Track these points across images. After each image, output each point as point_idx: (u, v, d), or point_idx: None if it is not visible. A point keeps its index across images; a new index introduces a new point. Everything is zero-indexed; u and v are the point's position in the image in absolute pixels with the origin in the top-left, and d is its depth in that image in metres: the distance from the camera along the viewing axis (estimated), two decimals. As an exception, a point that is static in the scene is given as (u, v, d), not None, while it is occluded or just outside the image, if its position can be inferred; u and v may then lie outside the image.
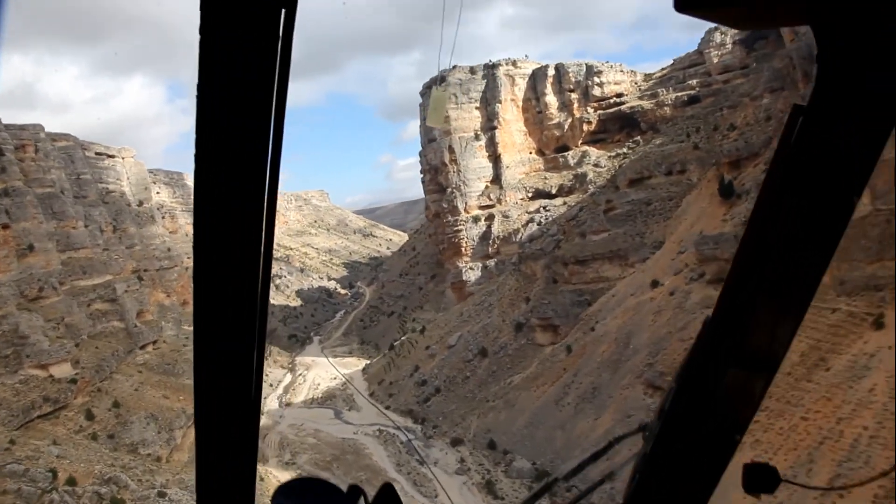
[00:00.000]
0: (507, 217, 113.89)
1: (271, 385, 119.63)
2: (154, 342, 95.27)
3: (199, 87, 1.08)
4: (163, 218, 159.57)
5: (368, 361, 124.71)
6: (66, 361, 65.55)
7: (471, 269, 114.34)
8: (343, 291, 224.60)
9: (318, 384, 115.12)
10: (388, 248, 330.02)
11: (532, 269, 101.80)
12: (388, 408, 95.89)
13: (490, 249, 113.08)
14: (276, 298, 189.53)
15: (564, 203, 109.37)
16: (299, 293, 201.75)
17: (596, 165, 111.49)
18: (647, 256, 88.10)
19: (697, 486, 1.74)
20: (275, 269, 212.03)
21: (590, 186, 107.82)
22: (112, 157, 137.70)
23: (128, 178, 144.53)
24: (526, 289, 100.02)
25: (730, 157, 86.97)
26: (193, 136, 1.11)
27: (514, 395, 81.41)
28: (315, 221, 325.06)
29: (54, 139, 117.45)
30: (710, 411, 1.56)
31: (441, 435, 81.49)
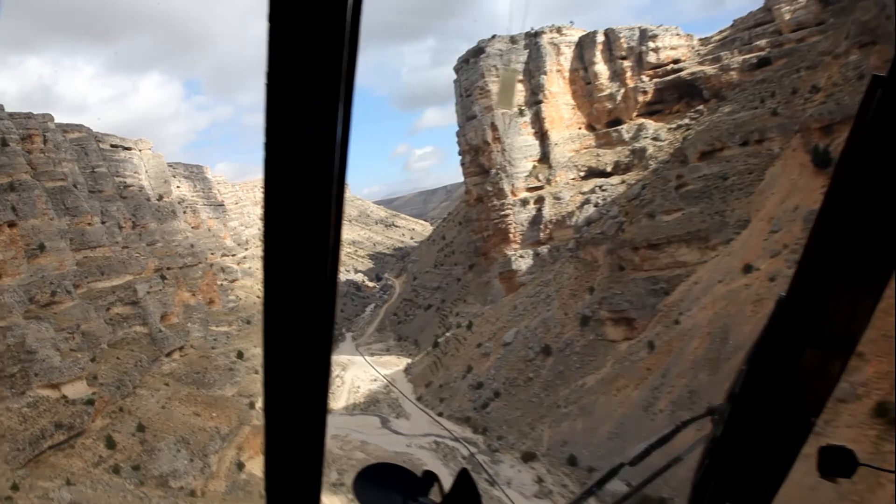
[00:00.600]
0: (558, 199, 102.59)
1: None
2: (181, 348, 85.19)
3: (268, 75, 1.06)
4: (184, 213, 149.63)
5: (410, 360, 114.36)
6: (80, 379, 55.28)
7: (521, 257, 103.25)
8: (371, 284, 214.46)
9: (358, 387, 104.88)
10: (411, 238, 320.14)
11: (593, 256, 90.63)
12: (440, 415, 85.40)
13: (542, 235, 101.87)
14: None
15: (622, 181, 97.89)
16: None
17: (655, 139, 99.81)
18: (731, 237, 76.56)
19: (770, 471, 1.68)
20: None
21: (650, 162, 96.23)
22: (129, 149, 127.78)
23: (146, 172, 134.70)
24: (587, 277, 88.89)
25: (820, 121, 74.96)
26: (264, 132, 1.14)
27: (590, 399, 70.53)
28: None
29: (66, 130, 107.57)
30: (784, 393, 1.51)
31: (508, 448, 70.79)
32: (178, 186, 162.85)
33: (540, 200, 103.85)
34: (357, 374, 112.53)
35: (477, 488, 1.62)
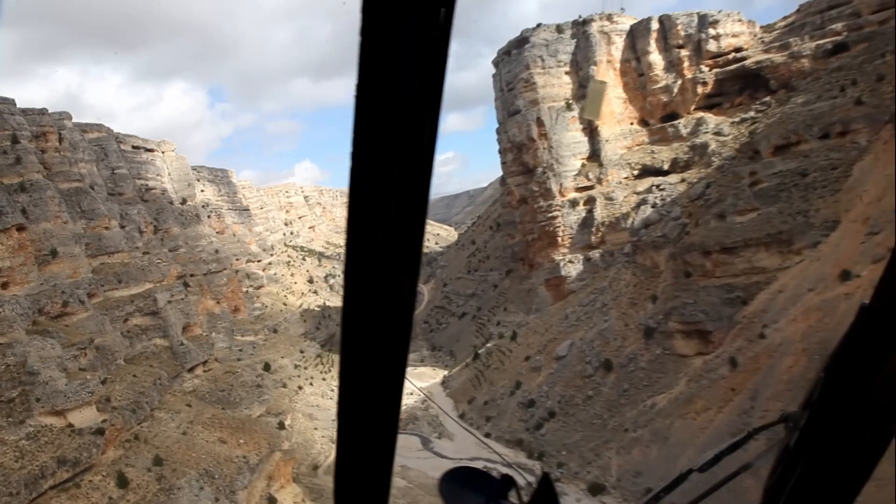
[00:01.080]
0: (610, 199, 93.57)
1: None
2: (204, 362, 77.37)
3: (358, 87, 1.07)
4: (208, 217, 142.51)
5: (446, 372, 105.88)
6: (89, 404, 47.24)
7: (570, 262, 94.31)
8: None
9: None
10: (436, 244, 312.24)
11: (653, 261, 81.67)
12: (487, 435, 76.78)
13: (593, 238, 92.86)
14: (331, 300, 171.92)
15: (682, 180, 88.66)
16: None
17: (717, 134, 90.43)
18: (819, 240, 67.22)
19: (847, 481, 1.59)
20: (328, 267, 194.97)
21: (714, 159, 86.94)
22: (151, 150, 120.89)
23: (169, 174, 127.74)
24: (648, 285, 79.90)
25: (917, 109, 66.03)
26: (352, 140, 1.14)
27: (664, 423, 61.45)
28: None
29: (84, 130, 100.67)
30: (864, 401, 1.44)
31: (571, 477, 62.05)
32: (202, 190, 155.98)
33: (590, 201, 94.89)
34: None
35: (557, 495, 1.60)
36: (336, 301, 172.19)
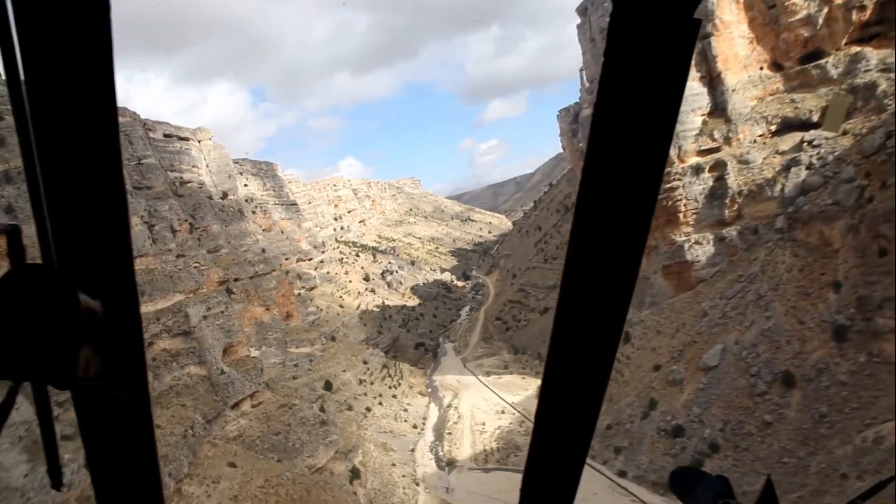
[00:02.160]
0: (746, 163, 72.59)
1: (415, 427, 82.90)
2: (252, 395, 59.54)
3: (600, 95, 1.07)
4: (253, 213, 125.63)
5: (540, 382, 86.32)
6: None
7: (697, 243, 73.69)
8: (460, 284, 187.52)
9: (483, 423, 77.66)
10: (489, 232, 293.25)
11: (822, 237, 60.80)
12: (622, 475, 57.40)
13: (727, 212, 71.96)
14: (390, 298, 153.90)
15: (844, 132, 67.26)
16: (415, 290, 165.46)
17: (885, 70, 68.79)
18: None
19: None
20: (383, 263, 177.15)
21: (887, 102, 65.46)
22: (185, 139, 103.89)
23: (207, 165, 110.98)
24: (821, 268, 59.09)
25: None
26: (590, 131, 1.18)
27: (908, 467, 41.10)
28: (411, 210, 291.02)
29: None
30: None
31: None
32: (245, 185, 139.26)
33: (719, 166, 73.97)
34: (475, 402, 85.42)
35: (777, 499, 1.58)
36: (396, 299, 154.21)
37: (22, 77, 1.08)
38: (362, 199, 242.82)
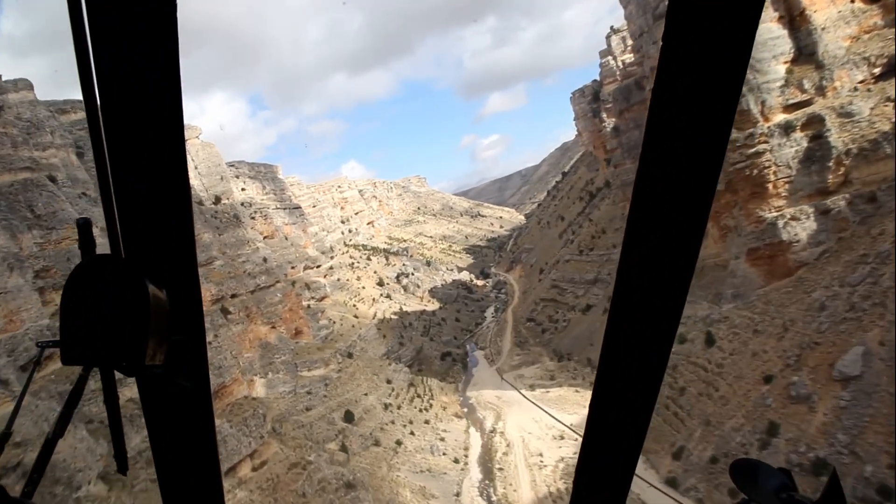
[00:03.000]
0: (849, 116, 57.38)
1: (456, 461, 67.83)
2: (251, 454, 44.47)
3: (661, 68, 1.06)
4: (252, 218, 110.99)
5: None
6: None
7: (794, 218, 58.43)
8: (480, 283, 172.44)
9: (540, 453, 62.76)
10: (500, 227, 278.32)
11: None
12: (751, 531, 42.07)
13: (830, 179, 56.67)
14: (408, 303, 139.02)
15: (980, 67, 52.00)
16: (433, 293, 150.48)
17: None
18: None
19: None
20: (397, 265, 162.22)
21: None
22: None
23: (195, 168, 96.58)
24: None
25: None
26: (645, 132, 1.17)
27: None
28: (419, 208, 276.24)
29: (63, 110, 69.72)
30: None
31: None
32: (242, 189, 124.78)
33: (814, 123, 58.60)
34: (524, 423, 70.52)
35: (845, 496, 1.50)
36: (414, 304, 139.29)
37: (94, 78, 1.10)
38: (369, 199, 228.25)
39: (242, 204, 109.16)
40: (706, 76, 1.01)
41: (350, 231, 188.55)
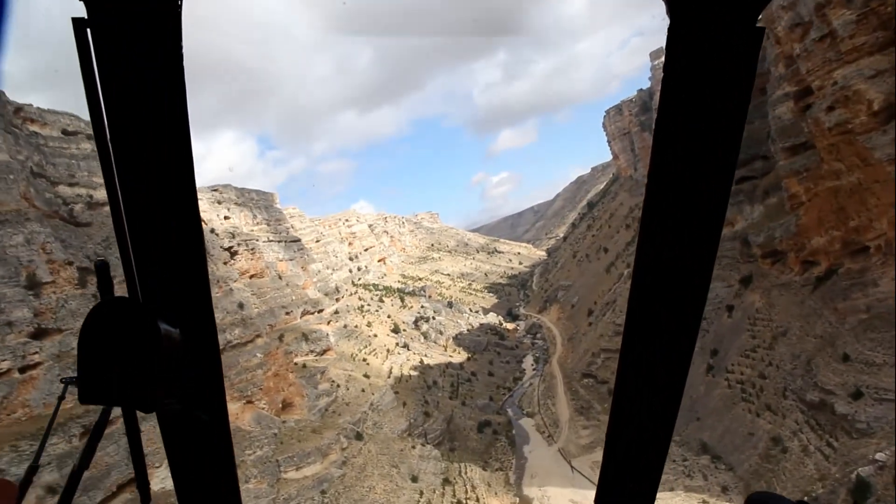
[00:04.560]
0: None
1: None
2: None
3: (661, 111, 1.06)
4: (232, 252, 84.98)
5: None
6: None
7: None
8: (510, 326, 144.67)
9: None
10: (520, 263, 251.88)
11: None
12: None
13: None
14: (429, 354, 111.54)
15: None
16: (459, 340, 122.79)
17: None
18: None
19: None
20: (415, 307, 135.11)
21: None
22: (89, 135, 62.98)
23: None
24: None
25: None
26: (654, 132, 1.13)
27: None
28: (433, 245, 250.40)
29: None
30: None
31: None
32: (226, 217, 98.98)
33: None
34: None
35: None
36: (437, 355, 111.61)
37: (107, 128, 1.11)
38: (379, 234, 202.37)
39: (214, 232, 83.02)
40: (713, 86, 0.98)
41: (359, 269, 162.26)
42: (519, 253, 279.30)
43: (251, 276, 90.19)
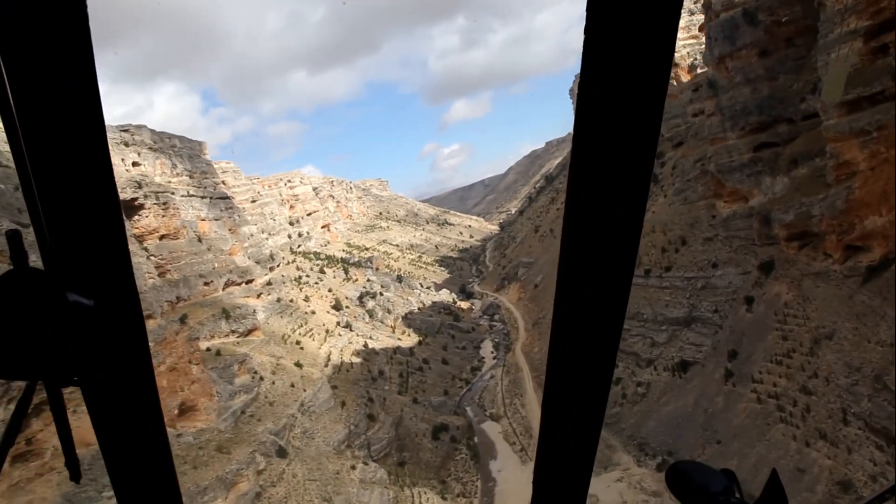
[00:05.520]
0: None
1: None
2: None
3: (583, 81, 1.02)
4: (139, 207, 67.04)
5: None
6: None
7: None
8: (464, 305, 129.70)
9: None
10: (471, 237, 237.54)
11: None
12: None
13: None
14: (375, 335, 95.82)
15: None
16: (409, 320, 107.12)
17: None
18: None
19: None
20: (360, 280, 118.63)
21: None
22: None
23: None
24: None
25: None
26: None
27: None
28: (381, 213, 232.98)
29: None
30: None
31: None
32: (134, 163, 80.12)
33: None
34: None
35: (785, 492, 1.46)
36: (383, 337, 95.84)
37: (9, 89, 1.03)
38: (325, 199, 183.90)
39: (137, 186, 64.47)
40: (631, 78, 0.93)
41: (300, 235, 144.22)
42: (470, 226, 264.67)
43: (161, 237, 72.19)
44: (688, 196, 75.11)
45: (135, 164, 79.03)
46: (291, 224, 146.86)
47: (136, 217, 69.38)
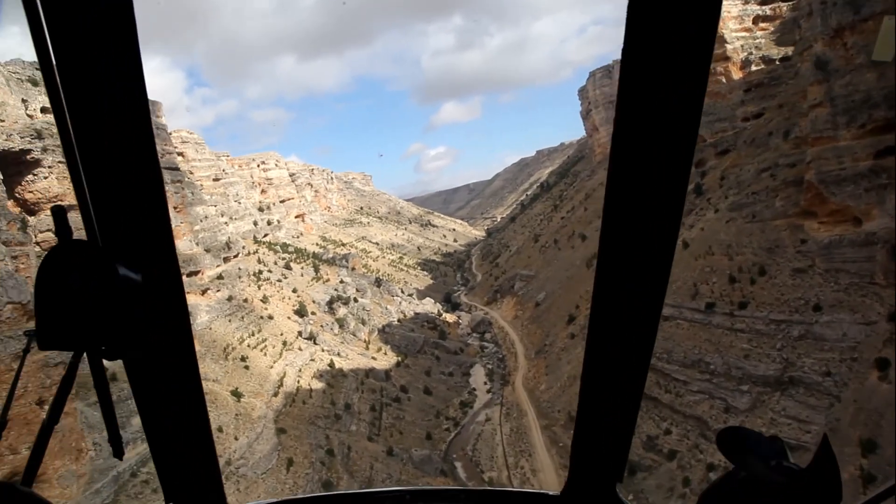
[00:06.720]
0: None
1: None
2: None
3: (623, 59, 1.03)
4: (34, 164, 47.51)
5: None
6: None
7: None
8: (450, 318, 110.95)
9: None
10: (454, 240, 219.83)
11: None
12: None
13: None
14: (344, 353, 76.80)
15: None
16: (386, 334, 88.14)
17: None
18: None
19: None
20: (332, 280, 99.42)
21: None
22: None
23: None
24: None
25: None
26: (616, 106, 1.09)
27: None
28: (362, 208, 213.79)
29: None
30: None
31: None
32: (43, 109, 60.36)
33: None
34: None
35: (836, 460, 1.44)
36: (356, 356, 76.97)
37: (57, 76, 1.04)
38: (302, 186, 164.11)
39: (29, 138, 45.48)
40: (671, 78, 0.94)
41: (269, 223, 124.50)
42: (454, 229, 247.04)
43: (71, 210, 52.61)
44: (757, 212, 57.65)
45: (44, 109, 59.35)
46: (261, 210, 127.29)
47: (30, 177, 49.94)
